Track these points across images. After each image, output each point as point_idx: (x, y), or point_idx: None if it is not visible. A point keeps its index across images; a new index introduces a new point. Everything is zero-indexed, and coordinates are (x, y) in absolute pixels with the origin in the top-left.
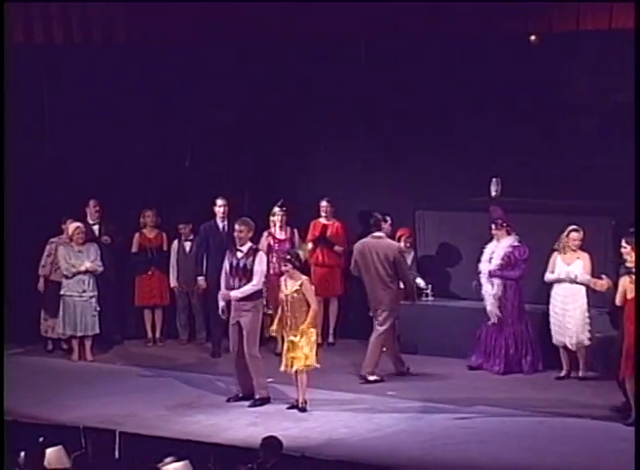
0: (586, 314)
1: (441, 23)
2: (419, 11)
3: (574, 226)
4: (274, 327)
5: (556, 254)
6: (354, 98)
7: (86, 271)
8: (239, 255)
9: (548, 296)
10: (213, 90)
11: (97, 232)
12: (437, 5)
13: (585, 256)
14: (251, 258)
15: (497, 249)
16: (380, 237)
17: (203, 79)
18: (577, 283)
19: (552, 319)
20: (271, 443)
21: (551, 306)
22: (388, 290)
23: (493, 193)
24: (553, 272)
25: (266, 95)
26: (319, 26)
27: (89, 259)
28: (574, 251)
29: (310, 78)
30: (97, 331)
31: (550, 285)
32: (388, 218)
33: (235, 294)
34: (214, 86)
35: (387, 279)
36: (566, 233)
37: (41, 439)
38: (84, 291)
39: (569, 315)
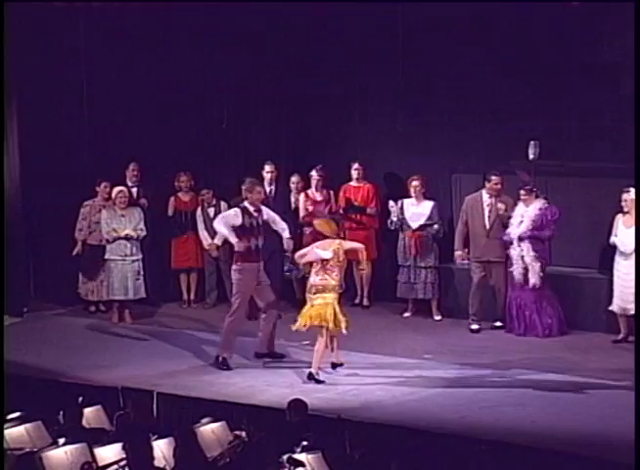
0: None
1: None
2: None
3: (627, 188)
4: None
5: (619, 215)
6: (391, 62)
7: (126, 237)
8: (255, 214)
9: (611, 259)
10: (250, 54)
11: (135, 195)
12: None
13: None
14: (260, 215)
15: (527, 212)
16: (490, 193)
17: (240, 44)
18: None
19: (615, 284)
20: (296, 405)
21: (615, 271)
22: (499, 241)
23: (531, 156)
24: (616, 235)
25: (303, 60)
26: None
27: (132, 224)
28: (629, 213)
29: (346, 43)
30: (143, 295)
31: (614, 248)
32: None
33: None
34: (251, 50)
35: (496, 230)
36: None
37: (80, 398)
38: (126, 255)
39: (631, 280)
